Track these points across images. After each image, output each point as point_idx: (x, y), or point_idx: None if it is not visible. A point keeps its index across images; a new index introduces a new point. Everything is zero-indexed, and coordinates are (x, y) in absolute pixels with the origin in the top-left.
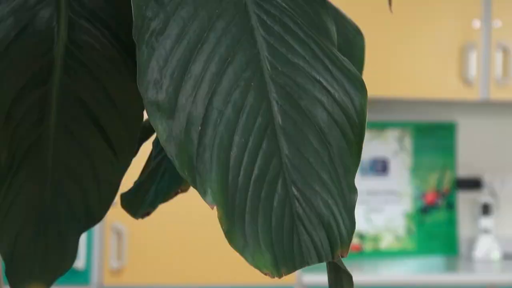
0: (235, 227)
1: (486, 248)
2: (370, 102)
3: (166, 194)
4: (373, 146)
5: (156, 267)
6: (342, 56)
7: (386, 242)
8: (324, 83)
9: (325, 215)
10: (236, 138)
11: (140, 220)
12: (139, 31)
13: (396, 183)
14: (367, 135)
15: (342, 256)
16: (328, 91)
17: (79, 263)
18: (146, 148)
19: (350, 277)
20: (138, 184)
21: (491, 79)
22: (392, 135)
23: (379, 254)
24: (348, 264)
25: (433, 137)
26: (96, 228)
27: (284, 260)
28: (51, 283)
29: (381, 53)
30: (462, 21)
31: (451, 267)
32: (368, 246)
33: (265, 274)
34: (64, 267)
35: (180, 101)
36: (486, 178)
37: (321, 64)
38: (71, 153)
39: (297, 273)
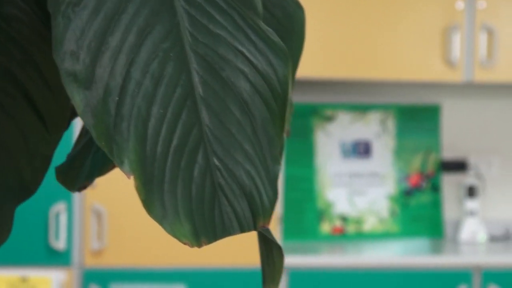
0: (153, 197)
1: (472, 230)
2: (352, 84)
3: (102, 168)
4: (355, 129)
5: (137, 248)
6: (267, 27)
7: (370, 225)
8: (247, 54)
9: (247, 185)
10: (155, 109)
11: (120, 201)
12: (55, 2)
13: (379, 165)
14: (350, 117)
15: (264, 226)
16: (251, 62)
17: (60, 244)
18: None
19: (280, 248)
20: (72, 157)
21: (475, 60)
22: (374, 117)
23: (362, 237)
24: (331, 246)
25: (417, 119)
26: (76, 210)
27: (205, 230)
28: None
29: (364, 35)
30: (445, 2)
31: (436, 249)
32: (351, 229)
33: (184, 243)
34: (0, 240)
35: (98, 72)
36: (472, 160)
37: (244, 35)
38: (2, 125)
39: None
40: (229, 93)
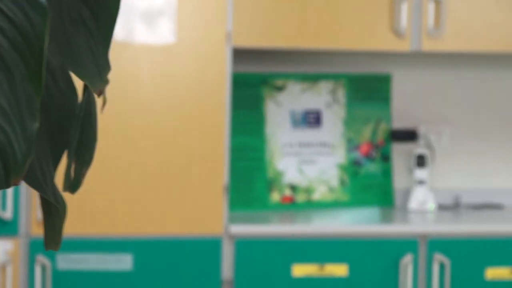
0: None
1: (421, 199)
2: (302, 54)
3: None
4: (305, 98)
5: (83, 217)
6: None
7: (319, 194)
8: (5, 10)
9: (1, 142)
10: None
11: None
12: None
13: (329, 135)
14: (300, 87)
15: (15, 184)
16: (9, 17)
17: (7, 214)
18: None
19: (57, 210)
20: None
21: (423, 30)
22: (325, 87)
23: (312, 206)
24: (281, 215)
25: (368, 89)
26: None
27: None
28: None
29: (312, 4)
30: None
31: (386, 218)
32: (300, 198)
33: None
34: None
35: None
36: (421, 130)
37: None
38: None
39: (224, 224)
40: None
